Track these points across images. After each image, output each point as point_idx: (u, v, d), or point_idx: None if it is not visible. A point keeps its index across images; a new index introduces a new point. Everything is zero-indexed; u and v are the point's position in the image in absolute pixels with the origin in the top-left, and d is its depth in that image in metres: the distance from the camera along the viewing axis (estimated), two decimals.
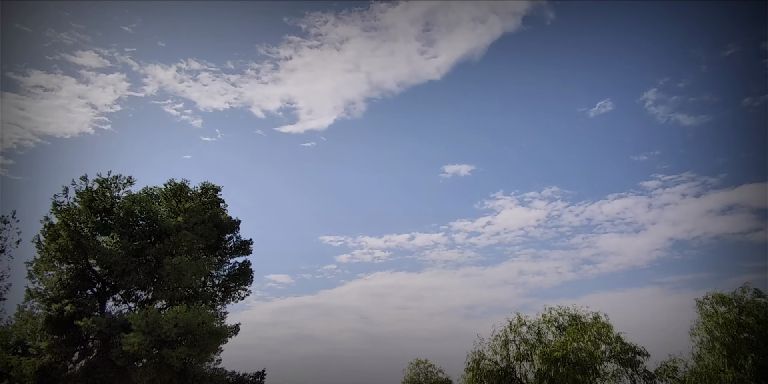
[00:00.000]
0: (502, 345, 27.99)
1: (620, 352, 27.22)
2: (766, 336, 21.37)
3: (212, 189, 27.45)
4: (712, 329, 22.33)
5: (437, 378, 39.01)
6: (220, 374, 26.53)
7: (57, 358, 23.78)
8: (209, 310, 25.68)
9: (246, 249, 29.30)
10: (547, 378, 25.81)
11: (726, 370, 20.97)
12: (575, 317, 28.82)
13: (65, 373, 23.57)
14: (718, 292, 23.71)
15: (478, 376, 26.72)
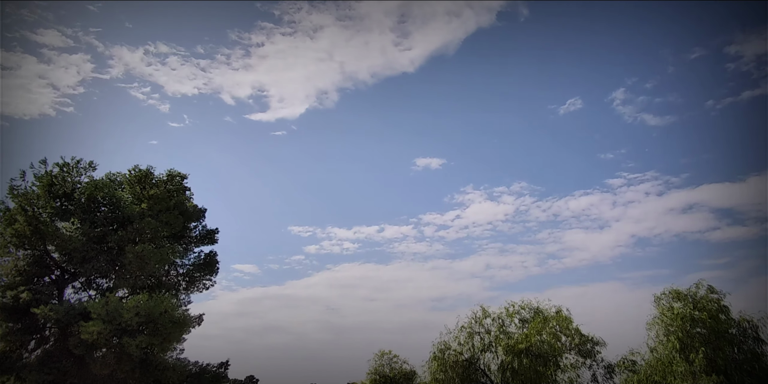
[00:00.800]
0: (467, 336, 28.40)
1: (579, 343, 27.96)
2: (717, 330, 22.27)
3: (178, 176, 26.89)
4: (667, 323, 23.12)
5: (401, 369, 39.36)
6: (182, 364, 26.22)
7: (12, 347, 23.09)
8: (172, 299, 25.26)
9: (212, 238, 28.90)
10: (509, 369, 26.32)
11: (678, 363, 21.75)
12: (537, 310, 29.44)
13: (20, 362, 22.91)
14: (675, 288, 24.56)
15: (442, 366, 27.07)
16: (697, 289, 24.10)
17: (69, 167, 25.26)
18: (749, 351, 22.25)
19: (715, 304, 23.15)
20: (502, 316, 29.65)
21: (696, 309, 22.86)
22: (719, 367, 21.43)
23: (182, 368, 25.56)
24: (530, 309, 29.87)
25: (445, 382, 26.61)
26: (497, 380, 26.97)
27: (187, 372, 25.99)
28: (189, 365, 26.61)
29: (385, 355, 39.57)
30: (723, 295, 23.65)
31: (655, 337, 23.62)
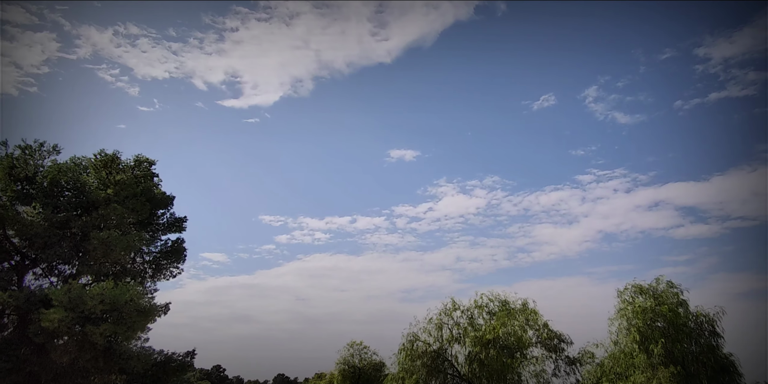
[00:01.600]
0: (436, 328, 28.63)
1: (547, 338, 28.49)
2: (675, 324, 23.01)
3: (146, 162, 26.32)
4: (630, 317, 23.77)
5: (371, 360, 39.62)
6: (147, 353, 25.90)
7: None
8: (138, 287, 24.81)
9: (180, 226, 28.43)
10: (477, 360, 26.67)
11: (638, 355, 22.41)
12: (505, 303, 29.84)
13: None
14: (637, 283, 25.24)
15: (411, 357, 27.28)
16: (658, 284, 24.84)
17: (31, 150, 24.46)
18: (705, 344, 23.06)
19: (675, 299, 23.95)
20: (471, 309, 29.98)
21: (657, 303, 23.56)
22: (677, 358, 22.15)
23: (147, 357, 25.24)
24: (499, 302, 30.28)
25: (413, 372, 26.82)
26: (465, 371, 27.32)
27: (152, 361, 25.68)
28: (154, 354, 26.30)
29: (355, 346, 39.80)
30: (682, 290, 24.49)
31: (617, 330, 24.26)
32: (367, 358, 39.28)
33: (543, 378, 27.02)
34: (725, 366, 23.06)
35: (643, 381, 20.46)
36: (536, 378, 27.01)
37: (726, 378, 23.05)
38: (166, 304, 26.03)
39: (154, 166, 26.86)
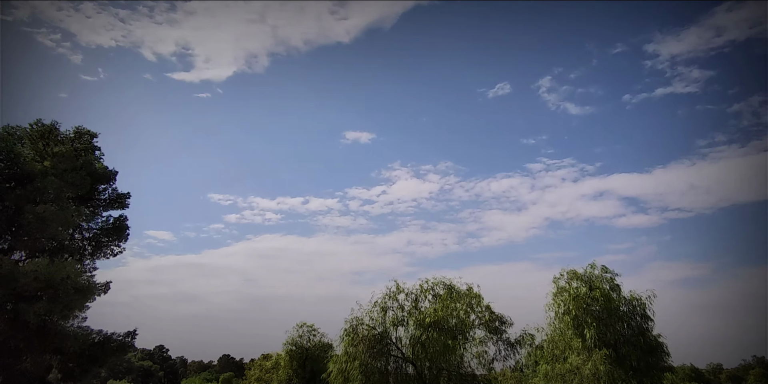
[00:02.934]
0: (380, 311, 28.91)
1: (489, 320, 29.32)
2: (608, 308, 24.17)
3: (87, 134, 25.14)
4: (565, 301, 24.76)
5: (319, 341, 39.79)
6: (85, 333, 25.11)
7: None
8: (76, 264, 23.89)
9: (122, 203, 27.40)
10: (420, 342, 27.20)
11: (573, 339, 23.43)
12: (450, 287, 30.44)
13: None
14: (572, 269, 26.26)
15: (354, 341, 27.52)
16: (593, 269, 25.92)
17: None
18: (637, 327, 24.34)
19: (608, 284, 25.11)
20: (416, 292, 30.43)
21: (591, 288, 24.63)
22: (609, 341, 23.29)
23: (84, 337, 24.48)
24: (444, 286, 30.85)
25: (356, 355, 27.09)
26: (408, 353, 27.82)
27: (90, 341, 24.91)
28: (92, 334, 25.52)
29: (304, 327, 39.83)
30: (615, 275, 25.65)
31: (554, 314, 25.22)
32: (315, 340, 39.44)
33: (484, 359, 27.89)
34: (654, 347, 24.45)
35: (578, 363, 21.41)
36: (478, 359, 27.85)
37: (654, 359, 24.47)
38: (107, 283, 25.25)
39: (96, 138, 25.71)
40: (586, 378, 20.31)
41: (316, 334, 39.65)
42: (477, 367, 28.05)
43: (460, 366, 27.89)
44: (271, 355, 42.98)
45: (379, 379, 26.49)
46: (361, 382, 26.30)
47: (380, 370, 26.79)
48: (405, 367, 28.19)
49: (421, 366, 27.42)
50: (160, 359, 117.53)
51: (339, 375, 27.67)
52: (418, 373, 27.53)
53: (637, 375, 22.68)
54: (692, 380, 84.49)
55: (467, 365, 28.09)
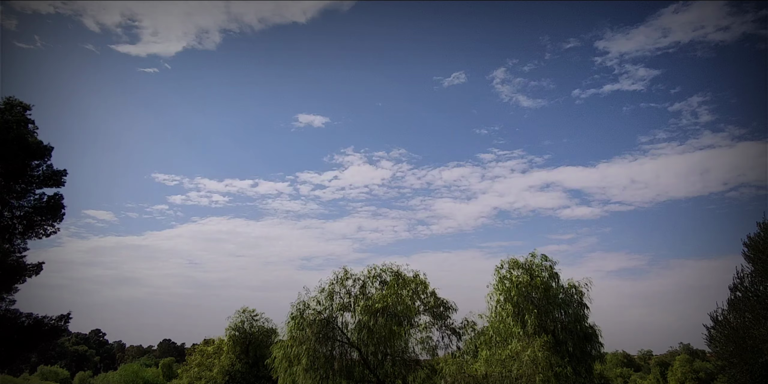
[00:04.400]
0: (327, 296, 28.85)
1: (434, 306, 29.80)
2: (548, 295, 25.06)
3: (20, 106, 23.54)
4: (508, 289, 25.43)
5: (263, 326, 39.34)
6: (13, 316, 23.79)
7: None
8: (4, 244, 22.51)
9: (58, 180, 25.90)
10: (365, 328, 27.32)
11: (514, 325, 24.13)
12: (397, 274, 30.71)
13: None
14: (513, 258, 26.98)
15: (300, 325, 27.36)
16: (533, 258, 26.71)
17: None
18: (574, 314, 25.31)
19: (548, 272, 25.97)
20: (364, 278, 30.54)
21: (531, 277, 25.40)
22: (548, 328, 24.12)
23: (12, 321, 23.20)
24: (391, 272, 31.09)
25: (302, 340, 26.96)
26: (353, 338, 27.91)
27: (19, 325, 23.61)
28: (21, 317, 24.18)
29: (247, 312, 39.23)
30: (554, 264, 26.53)
31: (495, 301, 25.87)
32: (259, 325, 38.95)
33: (428, 345, 28.35)
34: (589, 335, 25.54)
35: (518, 349, 22.04)
36: (422, 344, 28.28)
37: (589, 346, 25.58)
38: (39, 264, 23.98)
39: (29, 111, 24.10)
40: (524, 363, 20.96)
41: (259, 319, 39.19)
42: (421, 353, 28.53)
43: (404, 351, 28.26)
44: (213, 340, 42.19)
45: (324, 363, 26.50)
46: (306, 366, 26.23)
47: (325, 355, 26.78)
48: (350, 352, 28.32)
49: (366, 351, 27.59)
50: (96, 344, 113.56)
51: (284, 360, 27.50)
52: (363, 358, 27.70)
53: (572, 361, 23.63)
54: (624, 366, 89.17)
55: (412, 351, 28.52)
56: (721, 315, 24.07)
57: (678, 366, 67.04)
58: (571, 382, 21.79)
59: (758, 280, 23.56)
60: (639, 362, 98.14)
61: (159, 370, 70.79)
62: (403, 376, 28.30)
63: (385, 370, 27.95)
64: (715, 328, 24.09)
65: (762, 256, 22.86)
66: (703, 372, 63.67)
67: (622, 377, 78.11)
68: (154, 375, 62.01)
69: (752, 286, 23.59)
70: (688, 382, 63.93)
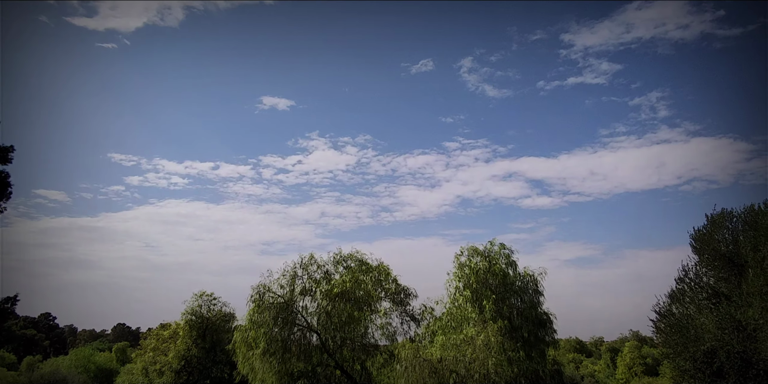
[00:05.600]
0: (290, 281, 28.70)
1: (394, 292, 30.05)
2: (505, 283, 25.60)
3: None
4: (467, 276, 25.83)
5: (220, 311, 38.86)
6: None
7: None
8: None
9: (4, 157, 24.63)
10: (326, 312, 27.34)
11: (472, 311, 24.57)
12: (361, 261, 30.83)
13: None
14: (472, 245, 27.37)
15: (260, 308, 27.16)
16: (492, 246, 27.20)
17: None
18: (529, 300, 25.94)
19: (506, 260, 26.51)
20: (328, 264, 30.50)
21: (490, 264, 25.88)
22: (504, 314, 24.66)
23: None
24: (355, 259, 31.17)
25: (262, 323, 26.79)
26: (313, 322, 27.90)
27: None
28: None
29: (205, 296, 38.65)
30: (512, 252, 27.09)
31: (454, 288, 26.26)
32: (216, 309, 38.44)
33: (388, 330, 28.62)
34: (543, 321, 26.23)
35: (473, 334, 22.45)
36: (382, 330, 28.52)
37: (543, 331, 26.29)
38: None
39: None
40: (478, 347, 21.40)
41: (217, 303, 38.66)
42: (381, 338, 28.80)
43: (364, 336, 28.45)
44: (169, 324, 41.44)
45: (281, 347, 26.43)
46: (264, 349, 26.11)
47: (284, 339, 26.71)
48: (309, 336, 28.33)
49: (325, 336, 27.64)
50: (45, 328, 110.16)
51: (242, 343, 27.29)
52: (322, 342, 27.75)
53: (526, 346, 24.26)
54: (576, 351, 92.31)
55: (371, 336, 28.75)
56: (666, 306, 25.02)
57: (627, 352, 69.76)
58: (523, 366, 22.37)
59: (702, 271, 24.54)
60: (591, 348, 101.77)
61: (113, 354, 69.32)
62: (362, 360, 28.52)
63: (344, 354, 28.10)
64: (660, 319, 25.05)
65: (707, 248, 23.79)
66: (650, 358, 66.51)
67: (574, 362, 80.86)
68: (107, 360, 60.66)
69: (696, 278, 24.55)
70: (636, 367, 66.67)
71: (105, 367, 56.92)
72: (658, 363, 61.01)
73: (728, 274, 22.41)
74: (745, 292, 19.50)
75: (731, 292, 21.48)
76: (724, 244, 23.45)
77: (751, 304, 18.88)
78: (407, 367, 21.54)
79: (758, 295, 18.37)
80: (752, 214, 22.77)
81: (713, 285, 23.34)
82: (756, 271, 18.68)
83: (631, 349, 69.43)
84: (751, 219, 22.61)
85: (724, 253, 23.07)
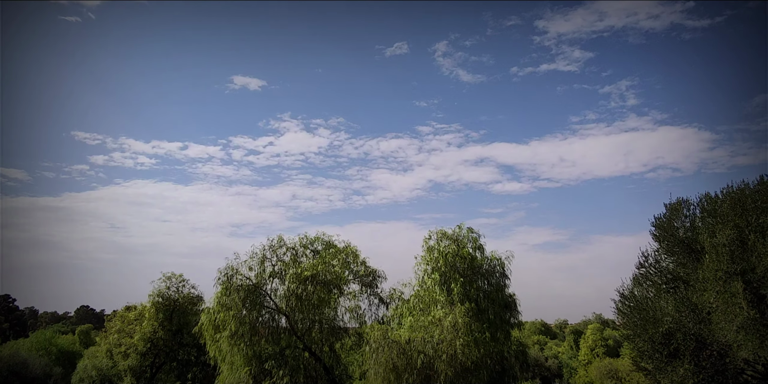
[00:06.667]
0: (259, 263, 28.55)
1: (363, 275, 30.20)
2: (472, 266, 26.07)
3: None
4: (436, 259, 26.17)
5: (188, 293, 38.44)
6: None
7: None
8: None
9: None
10: (294, 295, 27.32)
11: (440, 294, 24.94)
12: (329, 243, 30.83)
13: None
14: (441, 229, 27.79)
15: (228, 291, 26.98)
16: (460, 230, 27.60)
17: None
18: (495, 283, 26.50)
19: (474, 244, 26.98)
20: (297, 247, 30.39)
21: (458, 247, 26.28)
22: (472, 297, 25.12)
23: None
24: (324, 242, 31.15)
25: (230, 306, 26.63)
26: (282, 305, 27.88)
27: None
28: None
29: (173, 278, 38.13)
30: (479, 236, 27.59)
31: (423, 271, 26.59)
32: (184, 291, 37.99)
33: (357, 312, 28.82)
34: (509, 304, 26.86)
35: (441, 315, 22.80)
36: (351, 312, 28.71)
37: (508, 314, 26.92)
38: None
39: None
40: (446, 329, 21.77)
41: (185, 285, 38.18)
42: (350, 321, 28.99)
43: (333, 319, 28.59)
44: (135, 306, 40.82)
45: (250, 329, 26.35)
46: (232, 332, 25.99)
47: (252, 321, 26.63)
48: (278, 318, 28.33)
49: (294, 318, 27.67)
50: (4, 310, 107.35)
51: (210, 326, 27.11)
52: (291, 325, 27.78)
53: (492, 327, 24.81)
54: (541, 333, 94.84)
55: (340, 319, 28.91)
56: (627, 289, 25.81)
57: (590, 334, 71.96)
58: (489, 346, 22.89)
59: (662, 257, 25.33)
60: (555, 330, 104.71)
61: (75, 337, 68.02)
62: (331, 343, 28.71)
63: (313, 337, 28.22)
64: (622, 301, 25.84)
65: (666, 234, 24.52)
66: (612, 340, 68.80)
67: (539, 344, 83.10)
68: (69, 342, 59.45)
69: (656, 263, 25.33)
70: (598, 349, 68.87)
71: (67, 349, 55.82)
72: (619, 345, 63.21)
73: (686, 260, 23.19)
74: (701, 277, 20.22)
75: (689, 276, 22.26)
76: (683, 231, 24.22)
77: (707, 288, 19.61)
78: (376, 349, 21.77)
79: (713, 280, 19.09)
80: (710, 202, 23.51)
81: (672, 270, 24.14)
82: (712, 257, 19.36)
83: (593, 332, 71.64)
84: (709, 206, 23.36)
85: (683, 239, 23.83)
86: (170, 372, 37.66)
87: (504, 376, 25.66)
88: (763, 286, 17.88)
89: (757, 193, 21.18)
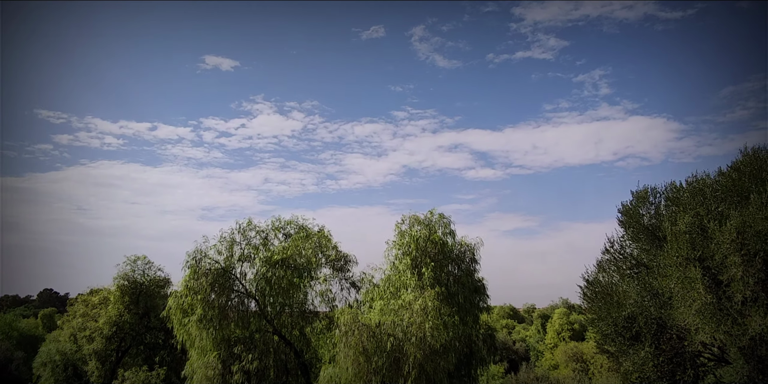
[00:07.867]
0: (228, 247, 28.22)
1: (335, 259, 30.15)
2: (443, 251, 26.38)
3: None
4: (407, 244, 26.36)
5: (155, 276, 37.87)
6: None
7: None
8: None
9: None
10: (264, 278, 27.18)
11: (411, 278, 25.15)
12: (302, 227, 30.61)
13: None
14: (413, 214, 27.95)
15: (196, 274, 26.65)
16: (432, 215, 27.83)
17: None
18: (465, 268, 26.90)
19: (445, 229, 27.28)
20: (268, 230, 30.11)
21: (429, 232, 26.52)
22: (442, 281, 25.44)
23: None
24: (296, 226, 30.91)
25: (198, 290, 26.32)
26: (252, 289, 27.70)
27: None
28: None
29: (139, 261, 37.46)
30: (450, 222, 27.87)
31: (394, 256, 26.77)
32: (151, 274, 37.38)
33: (328, 297, 28.83)
34: (478, 288, 27.31)
35: (411, 299, 23.01)
36: (321, 297, 28.70)
37: (477, 298, 27.38)
38: None
39: None
40: (415, 312, 22.00)
41: (151, 268, 37.56)
42: (320, 305, 28.98)
43: (303, 303, 28.56)
44: (99, 289, 40.03)
45: (219, 313, 26.14)
46: (201, 316, 25.75)
47: (221, 306, 26.40)
48: (248, 302, 28.16)
49: (264, 302, 27.55)
50: None
51: (178, 309, 26.78)
52: (261, 309, 27.67)
53: (461, 311, 25.21)
54: (510, 317, 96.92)
55: (311, 302, 28.88)
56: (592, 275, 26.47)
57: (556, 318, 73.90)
58: (458, 330, 23.25)
59: (627, 243, 26.02)
60: (524, 314, 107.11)
61: (38, 320, 66.63)
62: (301, 326, 28.72)
63: (283, 320, 28.17)
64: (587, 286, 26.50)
65: (632, 221, 25.15)
66: (578, 324, 70.80)
67: (507, 328, 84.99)
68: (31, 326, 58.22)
69: (621, 249, 26.02)
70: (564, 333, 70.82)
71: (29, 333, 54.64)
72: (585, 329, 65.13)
73: (650, 246, 23.88)
74: (663, 263, 20.85)
75: (651, 262, 22.93)
76: (648, 218, 24.90)
77: (668, 274, 20.23)
78: (346, 332, 21.87)
79: (674, 266, 19.69)
80: (674, 191, 24.19)
81: (636, 256, 24.82)
82: (672, 244, 19.95)
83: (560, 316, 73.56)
84: (673, 195, 24.04)
85: (647, 226, 24.51)
86: (137, 355, 37.21)
87: (472, 358, 26.16)
88: (721, 273, 18.53)
89: (716, 183, 21.88)
